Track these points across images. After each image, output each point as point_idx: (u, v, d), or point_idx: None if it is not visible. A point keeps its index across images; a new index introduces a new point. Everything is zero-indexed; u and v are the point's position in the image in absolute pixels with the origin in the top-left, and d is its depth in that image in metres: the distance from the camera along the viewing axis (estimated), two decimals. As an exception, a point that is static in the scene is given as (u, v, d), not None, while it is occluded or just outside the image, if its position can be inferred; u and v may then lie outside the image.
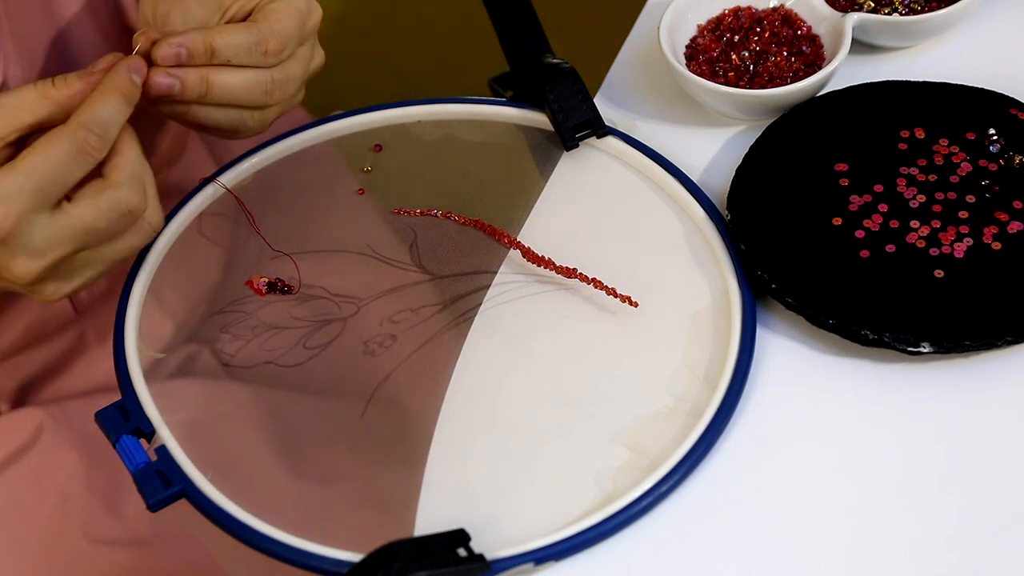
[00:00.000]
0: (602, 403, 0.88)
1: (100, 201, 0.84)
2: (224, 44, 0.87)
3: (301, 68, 0.91)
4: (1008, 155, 0.95)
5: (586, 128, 1.00)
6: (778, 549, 0.83)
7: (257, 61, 0.88)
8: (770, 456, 0.86)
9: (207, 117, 0.89)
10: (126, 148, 0.85)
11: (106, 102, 0.84)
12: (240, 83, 0.88)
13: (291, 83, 0.91)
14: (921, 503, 0.83)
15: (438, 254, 0.96)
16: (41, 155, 0.82)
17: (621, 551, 0.83)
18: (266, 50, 0.88)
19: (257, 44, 0.88)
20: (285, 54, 0.89)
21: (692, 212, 0.96)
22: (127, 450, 0.85)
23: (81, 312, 1.12)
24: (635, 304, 0.92)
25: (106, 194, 0.84)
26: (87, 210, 0.84)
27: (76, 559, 1.04)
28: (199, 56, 0.87)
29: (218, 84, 0.88)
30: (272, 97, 0.90)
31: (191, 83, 0.87)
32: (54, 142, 0.83)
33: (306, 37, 0.91)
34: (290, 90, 0.91)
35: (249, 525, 0.83)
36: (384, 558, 0.79)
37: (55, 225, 0.83)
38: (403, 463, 0.86)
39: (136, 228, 0.86)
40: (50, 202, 0.83)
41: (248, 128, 0.91)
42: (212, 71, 0.87)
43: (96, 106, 0.84)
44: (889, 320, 0.88)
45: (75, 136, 0.83)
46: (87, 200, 0.84)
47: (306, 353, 0.91)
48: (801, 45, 1.02)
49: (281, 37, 0.89)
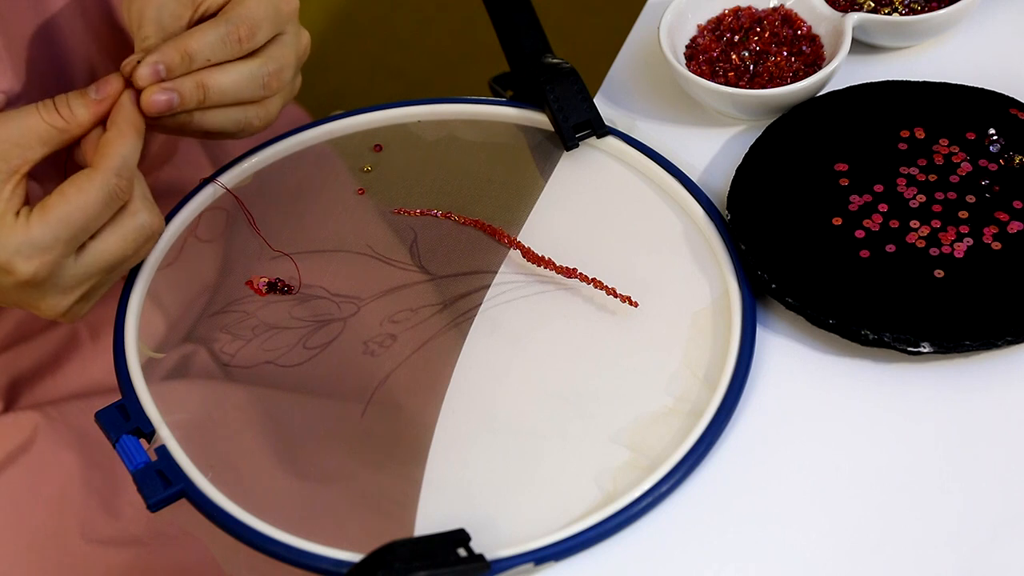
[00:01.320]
0: (602, 403, 0.88)
1: (125, 232, 0.86)
2: (198, 46, 0.87)
3: (291, 53, 0.91)
4: (1008, 155, 0.95)
5: (586, 128, 1.00)
6: (778, 549, 0.83)
7: (235, 51, 0.88)
8: (770, 456, 0.86)
9: (211, 123, 0.89)
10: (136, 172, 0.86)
11: (126, 143, 0.85)
12: (234, 80, 0.88)
13: (285, 71, 0.91)
14: (921, 503, 0.83)
15: (438, 254, 0.96)
16: (74, 204, 0.83)
17: (621, 551, 0.83)
18: (239, 37, 0.88)
19: (228, 34, 0.88)
20: (259, 38, 0.89)
21: (692, 212, 0.96)
22: (127, 450, 0.85)
23: None
24: (635, 304, 0.92)
25: (128, 224, 0.86)
26: (114, 244, 0.86)
27: (73, 559, 1.04)
28: (177, 67, 0.87)
29: (213, 86, 0.88)
30: (270, 88, 0.90)
31: (187, 91, 0.87)
32: (85, 190, 0.84)
33: (284, 22, 0.91)
34: (286, 77, 0.91)
35: (249, 525, 0.83)
36: (384, 558, 0.79)
37: (84, 263, 0.85)
38: (403, 463, 0.86)
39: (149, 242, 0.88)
40: (79, 245, 0.84)
41: (253, 127, 0.91)
42: (204, 74, 0.87)
43: (120, 148, 0.85)
44: (889, 320, 0.88)
45: (107, 184, 0.84)
46: (112, 234, 0.85)
47: (306, 353, 0.91)
48: (801, 45, 1.02)
49: (251, 22, 0.88)
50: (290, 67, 0.91)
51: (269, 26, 0.90)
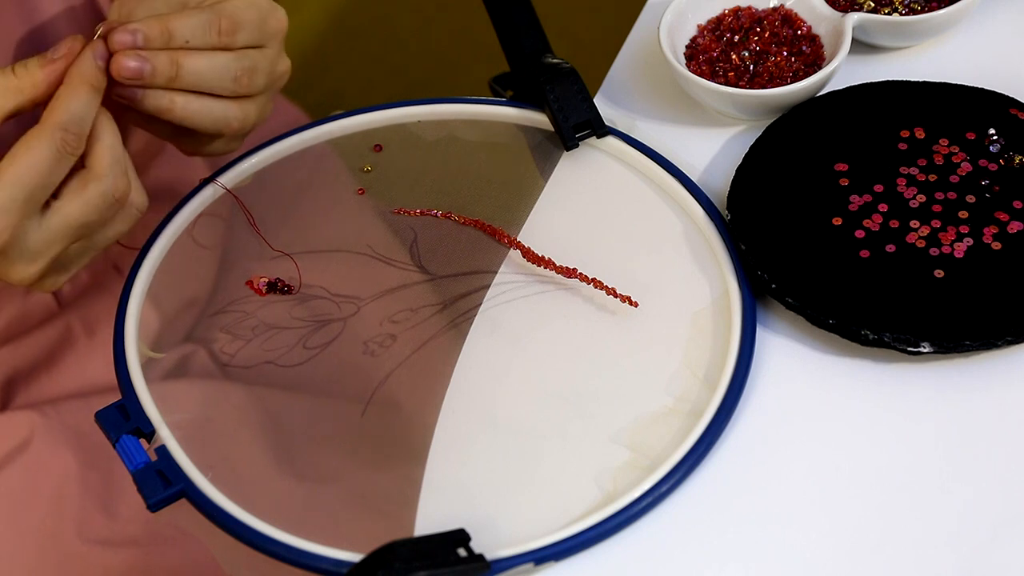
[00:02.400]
0: (602, 403, 0.88)
1: (87, 195, 0.84)
2: (179, 26, 0.87)
3: (267, 65, 0.91)
4: (1008, 155, 0.95)
5: (586, 128, 0.99)
6: (778, 549, 0.83)
7: (214, 42, 0.88)
8: (770, 456, 0.86)
9: (188, 111, 0.89)
10: (104, 135, 0.85)
11: (76, 97, 0.84)
12: (208, 66, 0.88)
13: (258, 75, 0.90)
14: (921, 503, 0.83)
15: (438, 254, 0.96)
16: (23, 163, 0.83)
17: (621, 551, 0.83)
18: (219, 29, 0.88)
19: (210, 23, 0.88)
20: (239, 37, 0.89)
21: (692, 212, 0.96)
22: (127, 450, 0.85)
23: (65, 305, 1.12)
24: (635, 304, 0.92)
25: (91, 186, 0.84)
26: (76, 206, 0.84)
27: (71, 560, 1.04)
28: (155, 39, 0.87)
29: (187, 66, 0.87)
30: (241, 84, 0.89)
31: (161, 64, 0.87)
32: (33, 147, 0.83)
33: (268, 37, 0.91)
34: (257, 81, 0.91)
35: (249, 525, 0.83)
36: (384, 558, 0.79)
37: (47, 227, 0.84)
38: (403, 463, 0.86)
39: (124, 213, 0.87)
40: (39, 206, 0.84)
41: (231, 128, 0.91)
42: (180, 54, 0.87)
43: (68, 103, 0.84)
44: (889, 320, 0.88)
45: (53, 138, 0.83)
46: (74, 196, 0.84)
47: (306, 353, 0.91)
48: (801, 45, 1.02)
49: (233, 19, 0.89)
50: (262, 74, 0.91)
51: (252, 31, 0.90)
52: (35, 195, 0.83)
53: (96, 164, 0.85)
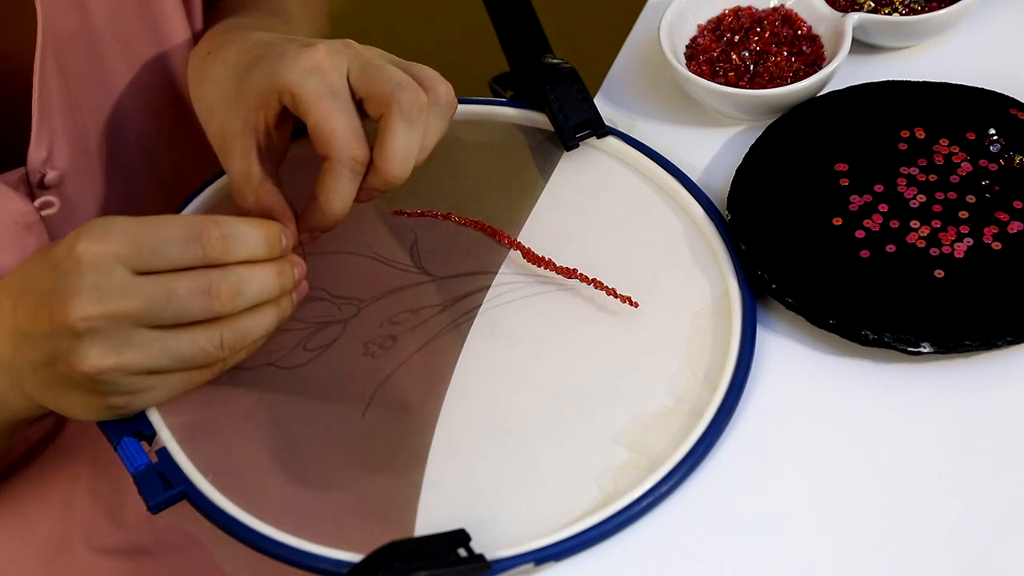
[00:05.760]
0: (602, 403, 0.88)
1: (195, 336, 0.83)
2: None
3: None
4: (1008, 155, 0.95)
5: (586, 128, 1.00)
6: (778, 549, 0.83)
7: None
8: (770, 456, 0.86)
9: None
10: None
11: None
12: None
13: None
14: (921, 503, 0.83)
15: (438, 255, 0.96)
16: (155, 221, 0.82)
17: (621, 551, 0.83)
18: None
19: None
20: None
21: (692, 212, 0.96)
22: (128, 452, 0.85)
23: None
24: (635, 304, 0.92)
25: (199, 333, 0.83)
26: (184, 342, 0.83)
27: (78, 568, 1.04)
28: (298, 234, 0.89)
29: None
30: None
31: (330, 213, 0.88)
32: (171, 220, 0.82)
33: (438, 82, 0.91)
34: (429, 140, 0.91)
35: (250, 526, 0.83)
36: (384, 558, 0.79)
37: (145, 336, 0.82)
38: (403, 464, 0.86)
39: (200, 376, 0.87)
40: (141, 267, 0.81)
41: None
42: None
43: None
44: (889, 320, 0.88)
45: (192, 221, 0.82)
46: (183, 333, 0.83)
47: (306, 355, 0.91)
48: (801, 45, 1.02)
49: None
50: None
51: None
52: (144, 255, 0.80)
53: (232, 361, 0.86)
